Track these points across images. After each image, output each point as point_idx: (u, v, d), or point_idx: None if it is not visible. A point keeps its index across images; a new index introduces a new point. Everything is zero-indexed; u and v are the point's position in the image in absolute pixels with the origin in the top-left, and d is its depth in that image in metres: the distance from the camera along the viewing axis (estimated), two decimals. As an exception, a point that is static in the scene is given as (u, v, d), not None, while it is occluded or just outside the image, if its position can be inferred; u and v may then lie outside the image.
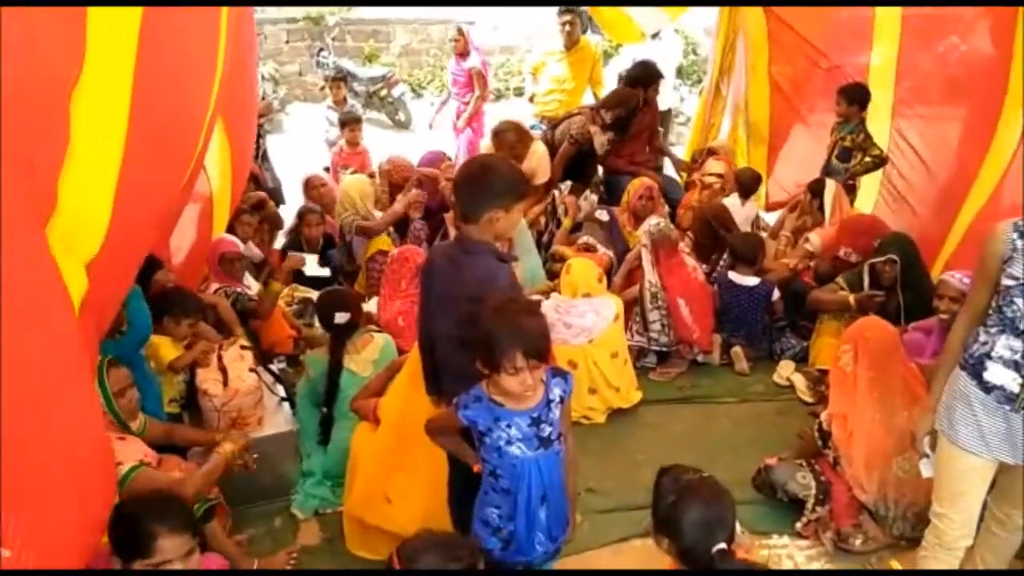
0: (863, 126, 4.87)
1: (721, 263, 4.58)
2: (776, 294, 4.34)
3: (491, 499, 2.12)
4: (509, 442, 2.02)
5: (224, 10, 2.70)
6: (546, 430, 2.06)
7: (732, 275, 4.37)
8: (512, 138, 5.20)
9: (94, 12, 1.72)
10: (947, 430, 2.27)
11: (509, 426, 2.02)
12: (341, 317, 3.19)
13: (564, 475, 2.16)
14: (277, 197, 5.78)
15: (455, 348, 2.27)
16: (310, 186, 5.32)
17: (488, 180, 2.22)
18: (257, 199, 5.12)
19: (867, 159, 4.86)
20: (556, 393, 2.08)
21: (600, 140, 5.41)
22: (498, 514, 2.12)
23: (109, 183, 1.91)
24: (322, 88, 10.59)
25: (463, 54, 6.81)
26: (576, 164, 5.54)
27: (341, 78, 7.04)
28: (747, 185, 5.42)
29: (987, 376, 2.15)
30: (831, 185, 4.82)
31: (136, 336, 2.92)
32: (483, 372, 2.00)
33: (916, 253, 3.98)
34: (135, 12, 1.90)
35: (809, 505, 2.98)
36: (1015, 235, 2.11)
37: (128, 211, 2.01)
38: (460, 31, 6.86)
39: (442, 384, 2.42)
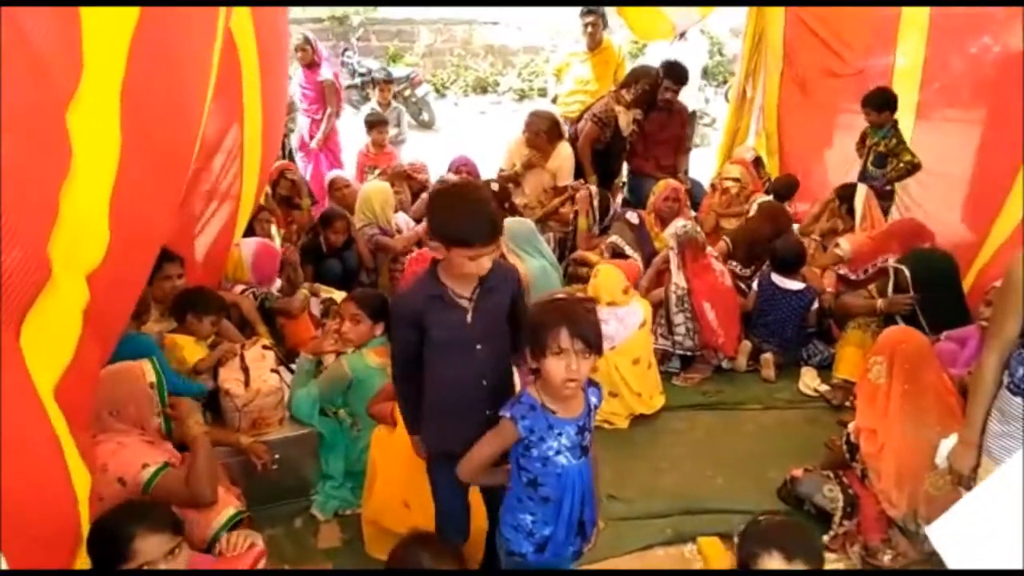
0: (895, 131, 4.78)
1: (765, 266, 4.51)
2: (816, 303, 4.26)
3: (526, 506, 2.11)
4: (558, 452, 2.02)
5: (221, 12, 2.69)
6: (587, 438, 2.08)
7: (776, 278, 4.28)
8: (542, 126, 5.18)
9: (89, 23, 1.72)
10: (999, 455, 2.18)
11: (560, 435, 2.02)
12: None
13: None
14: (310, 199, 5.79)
15: None
16: (334, 187, 5.33)
17: (435, 213, 2.12)
18: (289, 194, 5.17)
19: (900, 164, 4.76)
20: (593, 401, 2.11)
21: (625, 119, 5.38)
22: (532, 519, 2.11)
23: (105, 193, 1.91)
24: (348, 88, 10.66)
25: (311, 65, 6.30)
26: (603, 153, 5.49)
27: (389, 80, 6.98)
28: (780, 192, 5.36)
29: None
30: (861, 190, 4.74)
31: None
32: (532, 367, 2.00)
33: (942, 270, 3.87)
34: (130, 22, 1.90)
35: (836, 518, 2.91)
36: None
37: (127, 221, 2.01)
38: (307, 40, 6.29)
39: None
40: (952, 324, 3.68)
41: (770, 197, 5.28)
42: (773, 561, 1.75)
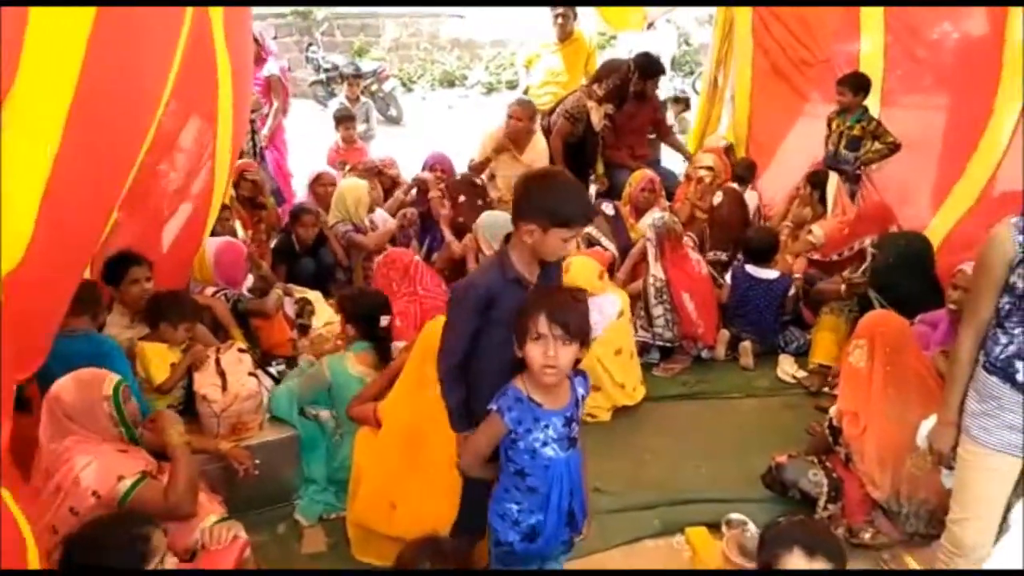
0: (869, 113, 4.83)
1: (738, 258, 4.54)
2: (792, 290, 4.30)
3: (512, 495, 2.10)
4: (545, 443, 2.01)
5: (187, 18, 2.60)
6: (575, 429, 2.07)
7: (750, 268, 4.31)
8: (530, 111, 5.13)
9: (35, 21, 1.66)
10: (976, 433, 2.22)
11: (547, 426, 2.01)
12: (386, 320, 3.14)
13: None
14: (276, 197, 5.65)
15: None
16: (319, 182, 5.14)
17: (535, 192, 2.07)
18: (251, 195, 5.03)
19: (879, 146, 4.81)
20: (580, 392, 2.09)
21: (597, 115, 5.37)
22: (518, 508, 2.10)
23: (34, 195, 1.84)
24: (312, 84, 10.50)
25: (256, 61, 5.88)
26: (576, 147, 5.49)
27: (357, 75, 6.91)
28: (742, 175, 5.40)
29: (1021, 377, 2.12)
30: (833, 177, 4.80)
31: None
32: (517, 356, 1.98)
33: (914, 253, 3.95)
34: (86, 21, 1.83)
35: (821, 503, 2.94)
36: (1021, 237, 2.06)
37: (56, 225, 1.94)
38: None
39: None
40: (925, 306, 3.73)
41: (734, 184, 5.32)
42: (794, 559, 1.74)
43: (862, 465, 2.89)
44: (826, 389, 3.95)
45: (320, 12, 11.44)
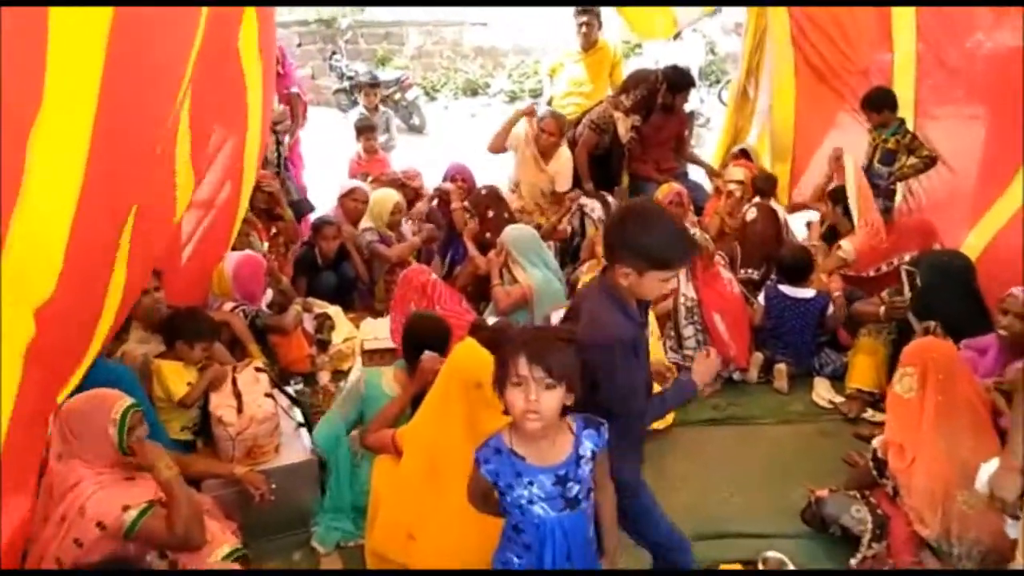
0: (905, 126, 4.66)
1: (770, 280, 4.38)
2: (831, 308, 4.12)
3: (511, 547, 1.97)
4: (531, 501, 1.85)
5: (199, 33, 2.53)
6: (573, 489, 1.86)
7: (785, 288, 4.15)
8: (551, 126, 5.02)
9: (55, 47, 1.60)
10: None
11: (531, 483, 1.84)
12: (427, 355, 2.96)
13: (593, 530, 2.00)
14: (302, 208, 5.56)
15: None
16: (350, 196, 4.97)
17: (629, 232, 1.97)
18: (267, 206, 4.94)
19: (914, 160, 4.62)
20: (587, 447, 1.88)
21: (624, 126, 5.24)
22: (518, 562, 1.96)
23: (63, 226, 1.79)
24: (336, 92, 10.47)
25: (277, 76, 5.64)
26: (603, 158, 5.36)
27: (375, 84, 6.87)
28: (763, 188, 5.25)
29: None
30: (852, 192, 4.61)
31: None
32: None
33: (955, 272, 3.76)
34: (99, 47, 1.77)
35: (865, 541, 2.77)
36: None
37: (83, 255, 1.88)
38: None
39: None
40: (971, 330, 3.55)
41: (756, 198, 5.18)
42: None
43: (909, 500, 2.72)
44: (865, 416, 3.78)
45: (344, 20, 11.42)
